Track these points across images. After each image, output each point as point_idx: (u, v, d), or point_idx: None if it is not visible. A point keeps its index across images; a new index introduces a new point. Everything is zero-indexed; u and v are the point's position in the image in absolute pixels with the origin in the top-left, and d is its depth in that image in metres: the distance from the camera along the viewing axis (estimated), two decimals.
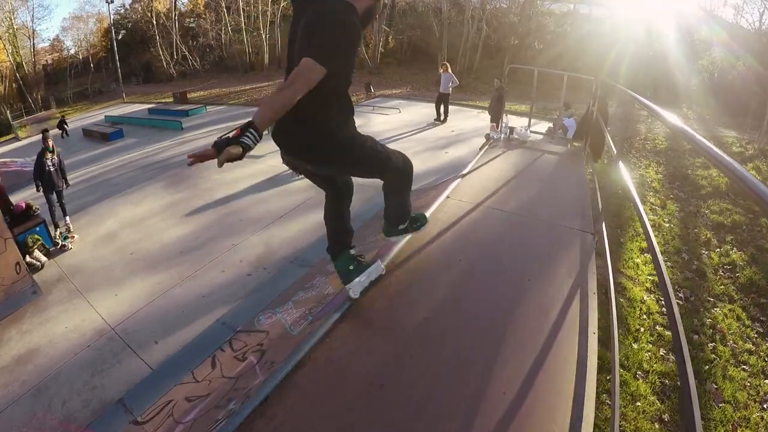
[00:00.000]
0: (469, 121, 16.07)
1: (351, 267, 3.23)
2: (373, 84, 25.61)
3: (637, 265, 7.60)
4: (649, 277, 7.21)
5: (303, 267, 7.39)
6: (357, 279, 3.21)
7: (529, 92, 22.49)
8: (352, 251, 3.30)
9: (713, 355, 5.68)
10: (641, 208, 2.44)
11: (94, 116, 29.87)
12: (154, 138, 20.39)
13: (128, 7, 43.69)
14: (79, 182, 13.59)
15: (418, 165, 10.41)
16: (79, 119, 31.08)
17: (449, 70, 15.50)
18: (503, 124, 7.98)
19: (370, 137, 2.90)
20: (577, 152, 7.38)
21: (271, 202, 9.99)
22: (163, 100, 30.62)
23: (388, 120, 16.69)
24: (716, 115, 20.63)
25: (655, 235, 8.41)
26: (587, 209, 4.94)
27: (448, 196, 5.14)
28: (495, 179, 5.82)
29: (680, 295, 6.99)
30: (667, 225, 9.46)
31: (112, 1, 36.24)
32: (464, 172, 6.11)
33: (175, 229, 9.49)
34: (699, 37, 25.43)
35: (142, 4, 41.31)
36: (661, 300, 6.58)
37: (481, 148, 7.55)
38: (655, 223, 9.51)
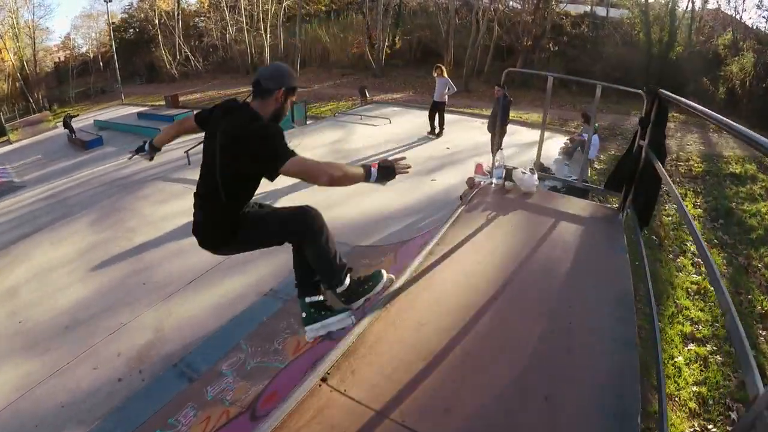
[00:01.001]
0: (469, 134, 13.19)
1: (304, 314, 2.91)
2: (372, 88, 23.13)
3: (680, 371, 5.27)
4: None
5: (181, 378, 4.97)
6: (311, 326, 2.88)
7: (542, 97, 20.08)
8: (315, 298, 2.92)
9: None
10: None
11: (88, 119, 27.92)
12: (131, 147, 17.65)
13: (136, 5, 41.62)
14: (39, 200, 12.58)
15: (392, 200, 8.93)
16: (72, 122, 28.80)
17: (445, 74, 12.61)
18: (498, 162, 4.98)
19: (266, 207, 2.98)
20: (611, 215, 4.53)
21: (189, 255, 7.43)
22: (159, 103, 28.34)
23: (373, 133, 13.91)
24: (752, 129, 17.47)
25: (700, 308, 6.36)
26: (630, 326, 2.73)
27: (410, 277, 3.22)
28: (478, 261, 3.51)
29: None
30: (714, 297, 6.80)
31: (110, 0, 33.89)
32: (434, 241, 3.73)
33: (76, 288, 7.45)
34: (723, 41, 22.26)
35: (147, 2, 39.08)
36: None
37: (457, 208, 4.70)
38: (699, 288, 7.00)
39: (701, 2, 24.05)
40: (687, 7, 23.60)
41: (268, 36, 33.32)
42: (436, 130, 13.18)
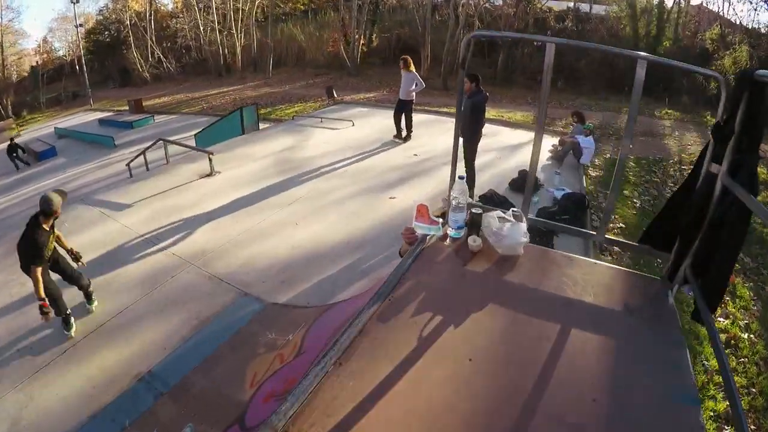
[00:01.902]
0: (442, 137, 10.98)
1: None
2: (346, 87, 21.43)
3: None
4: None
5: None
6: None
7: (525, 95, 17.82)
8: None
9: None
10: None
11: (49, 126, 26.18)
12: (83, 158, 17.30)
13: (110, 7, 39.11)
14: None
15: (335, 228, 6.92)
16: (39, 128, 27.69)
17: (412, 68, 10.31)
18: (457, 197, 2.74)
19: None
20: (653, 289, 2.38)
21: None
22: (125, 108, 26.01)
23: (331, 138, 11.64)
24: None
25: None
26: None
27: None
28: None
29: None
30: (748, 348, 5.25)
31: (77, 1, 31.43)
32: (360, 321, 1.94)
33: None
34: (711, 35, 20.47)
35: (119, 4, 36.57)
36: None
37: (397, 274, 2.50)
38: (729, 337, 5.34)
39: None
40: (673, 1, 22.06)
41: (242, 36, 31.03)
42: (403, 134, 10.97)
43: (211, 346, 4.60)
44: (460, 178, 2.61)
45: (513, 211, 2.63)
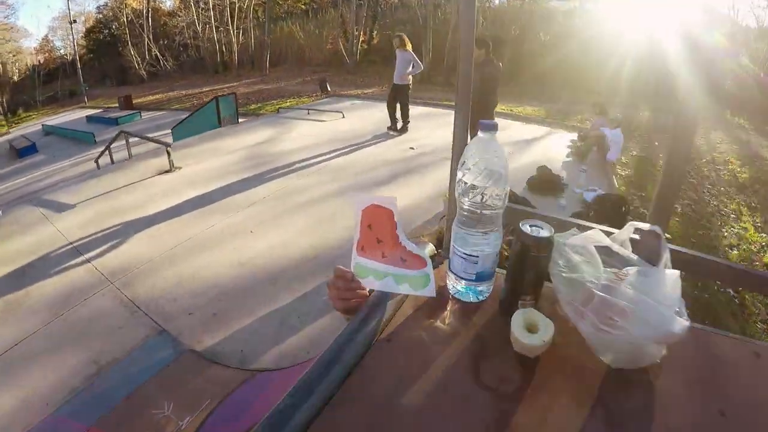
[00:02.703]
0: (443, 130, 9.21)
1: None
2: (344, 84, 19.95)
3: None
4: None
5: None
6: None
7: (532, 90, 16.09)
8: None
9: None
10: None
11: (37, 124, 24.86)
12: (63, 154, 16.13)
13: (108, 5, 37.49)
14: None
15: (296, 237, 5.36)
16: (31, 125, 25.98)
17: (408, 47, 8.61)
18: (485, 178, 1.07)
19: None
20: None
21: None
22: (115, 105, 24.67)
23: (316, 131, 9.91)
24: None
25: None
26: None
27: None
28: None
29: None
30: None
31: None
32: None
33: None
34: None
35: (117, 2, 34.96)
36: None
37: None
38: None
39: None
40: None
41: (240, 33, 29.45)
42: (399, 125, 9.24)
43: (92, 413, 3.05)
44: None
45: (639, 229, 0.90)
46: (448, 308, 0.99)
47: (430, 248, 1.16)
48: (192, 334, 3.70)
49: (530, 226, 0.89)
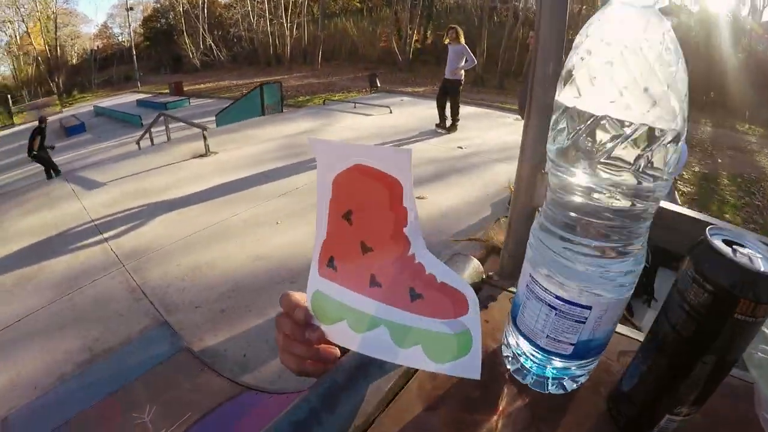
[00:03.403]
0: (495, 131, 8.74)
1: None
2: (396, 82, 19.57)
3: None
4: None
5: None
6: None
7: None
8: None
9: None
10: None
11: (93, 105, 25.37)
12: (109, 134, 16.62)
13: None
14: None
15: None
16: (84, 107, 26.67)
17: (461, 40, 8.13)
18: None
19: None
20: None
21: None
22: (166, 91, 25.50)
23: (361, 124, 9.49)
24: None
25: None
26: None
27: None
28: None
29: None
30: None
31: None
32: None
33: None
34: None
35: None
36: None
37: None
38: None
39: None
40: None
41: (294, 27, 29.60)
42: (447, 123, 8.70)
43: (74, 406, 2.82)
44: None
45: None
46: (502, 403, 0.50)
47: (474, 271, 0.66)
48: (194, 330, 3.31)
49: (732, 243, 0.39)
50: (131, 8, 34.50)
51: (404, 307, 0.47)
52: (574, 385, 0.50)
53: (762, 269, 0.35)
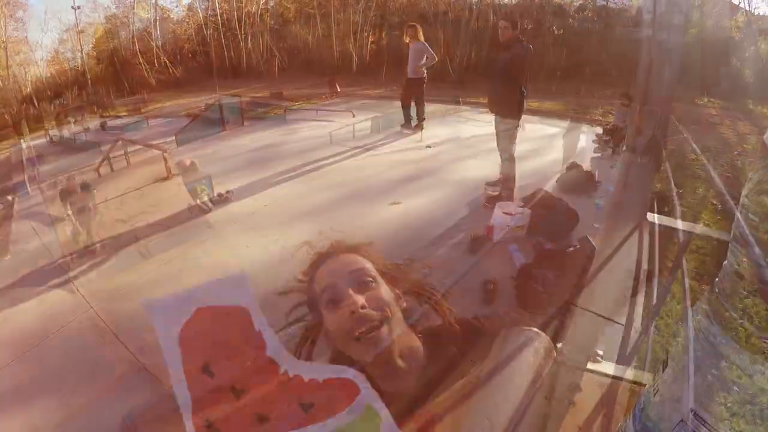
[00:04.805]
0: (463, 126, 8.72)
1: None
2: (350, 85, 19.45)
3: None
4: None
5: None
6: None
7: (550, 86, 15.55)
8: None
9: None
10: None
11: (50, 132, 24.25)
12: (67, 164, 14.88)
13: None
14: None
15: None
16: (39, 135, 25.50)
17: (421, 37, 8.04)
18: None
19: None
20: None
21: None
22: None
23: (323, 132, 9.08)
24: None
25: None
26: None
27: None
28: None
29: None
30: None
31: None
32: None
33: None
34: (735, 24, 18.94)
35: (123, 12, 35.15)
36: None
37: None
38: None
39: None
40: None
41: (248, 38, 29.47)
42: (413, 122, 8.61)
43: None
44: None
45: None
46: None
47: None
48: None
49: None
50: (82, 31, 33.64)
51: (300, 425, 0.48)
52: None
53: None
